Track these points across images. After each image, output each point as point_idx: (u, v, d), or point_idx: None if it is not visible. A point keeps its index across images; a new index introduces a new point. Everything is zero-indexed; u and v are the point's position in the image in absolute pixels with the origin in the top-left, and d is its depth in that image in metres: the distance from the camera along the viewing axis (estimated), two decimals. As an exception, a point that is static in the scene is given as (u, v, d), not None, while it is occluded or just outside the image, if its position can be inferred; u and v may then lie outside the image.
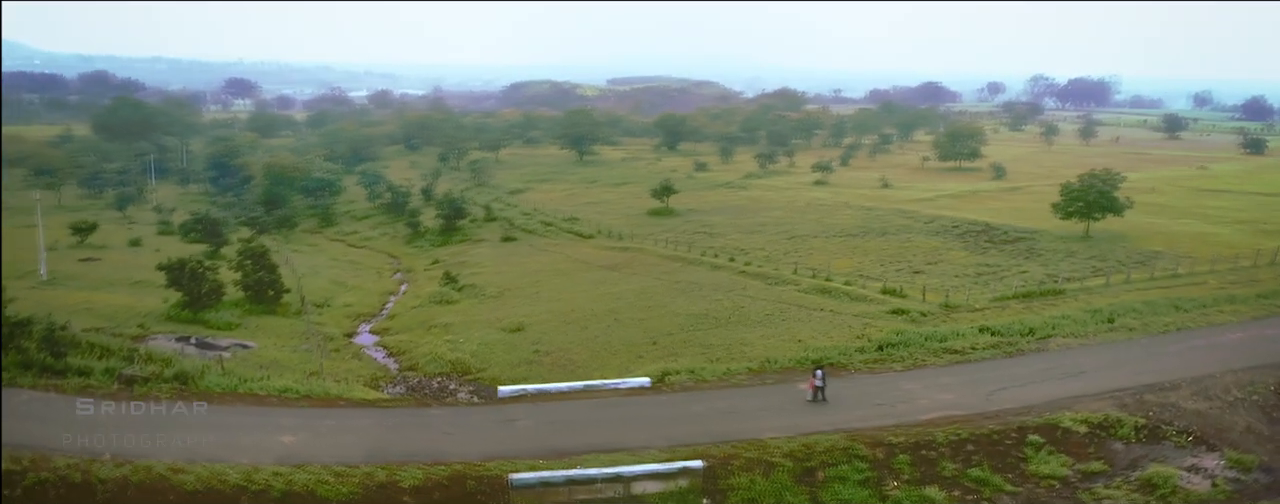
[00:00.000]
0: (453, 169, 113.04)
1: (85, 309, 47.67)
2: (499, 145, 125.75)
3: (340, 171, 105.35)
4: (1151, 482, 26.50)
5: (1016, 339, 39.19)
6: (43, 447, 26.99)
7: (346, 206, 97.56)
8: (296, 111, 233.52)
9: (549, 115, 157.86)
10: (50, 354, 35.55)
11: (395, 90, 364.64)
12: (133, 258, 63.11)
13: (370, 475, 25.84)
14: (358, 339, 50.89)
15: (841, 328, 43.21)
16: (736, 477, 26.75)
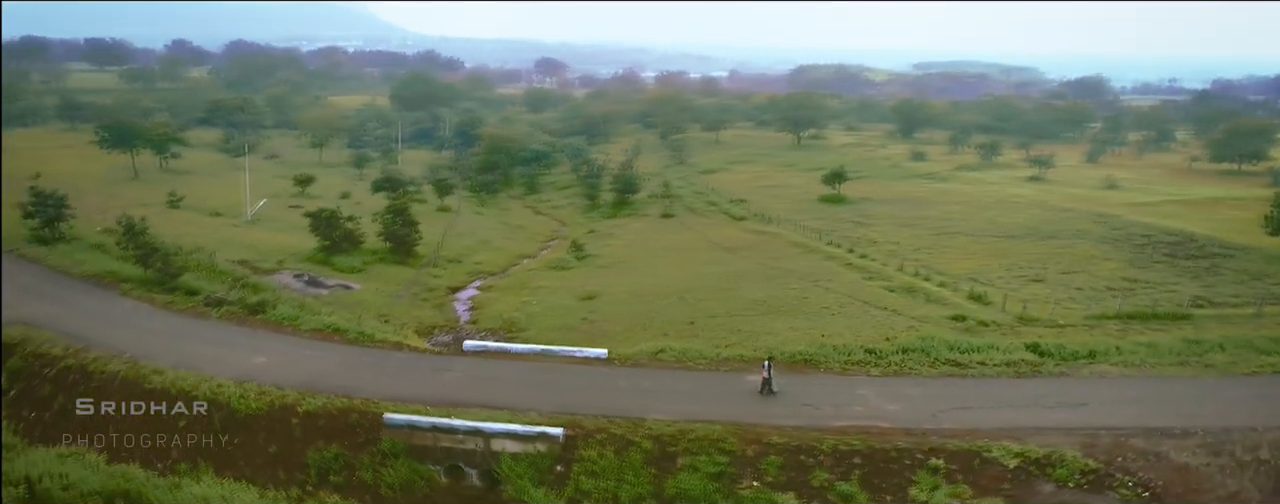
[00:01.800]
0: (668, 147, 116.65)
1: (250, 245, 57.41)
2: (720, 125, 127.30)
3: (557, 145, 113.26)
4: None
5: (1054, 361, 34.31)
6: (89, 340, 34.34)
7: (556, 177, 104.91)
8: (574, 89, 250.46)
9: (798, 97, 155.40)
10: (165, 274, 43.97)
11: (694, 72, 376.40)
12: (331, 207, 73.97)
13: (282, 397, 29.94)
14: (462, 293, 55.84)
15: (881, 328, 40.32)
16: (590, 450, 27.13)
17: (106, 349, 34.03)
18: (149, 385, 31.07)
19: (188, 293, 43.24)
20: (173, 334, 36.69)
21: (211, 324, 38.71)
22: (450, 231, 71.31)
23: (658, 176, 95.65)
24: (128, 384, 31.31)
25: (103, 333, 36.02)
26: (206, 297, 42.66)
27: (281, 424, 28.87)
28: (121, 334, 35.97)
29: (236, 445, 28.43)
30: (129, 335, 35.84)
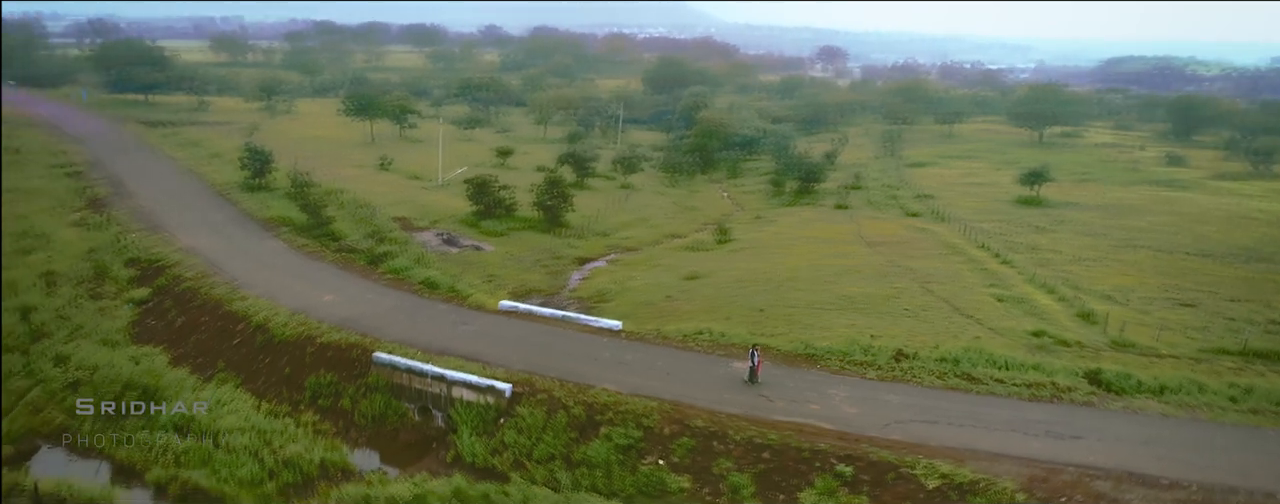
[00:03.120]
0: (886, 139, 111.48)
1: (420, 205, 64.52)
2: (955, 119, 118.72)
3: (769, 132, 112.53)
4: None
5: (1099, 391, 30.15)
6: (220, 268, 41.66)
7: (763, 164, 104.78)
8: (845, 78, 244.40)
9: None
10: (318, 222, 51.36)
11: (1002, 63, 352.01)
12: (518, 178, 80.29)
13: (313, 329, 34.56)
14: (590, 265, 58.79)
15: (941, 334, 37.35)
16: (526, 408, 28.73)
17: (225, 277, 41.11)
18: (229, 307, 37.28)
19: (332, 238, 50.27)
20: (285, 270, 43.19)
21: (323, 266, 44.83)
22: (616, 207, 74.55)
23: (860, 168, 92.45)
24: (215, 304, 37.75)
25: (234, 263, 43.41)
26: (339, 244, 49.37)
27: (300, 351, 33.43)
28: (247, 266, 43.11)
29: (263, 363, 33.39)
30: (251, 268, 42.87)
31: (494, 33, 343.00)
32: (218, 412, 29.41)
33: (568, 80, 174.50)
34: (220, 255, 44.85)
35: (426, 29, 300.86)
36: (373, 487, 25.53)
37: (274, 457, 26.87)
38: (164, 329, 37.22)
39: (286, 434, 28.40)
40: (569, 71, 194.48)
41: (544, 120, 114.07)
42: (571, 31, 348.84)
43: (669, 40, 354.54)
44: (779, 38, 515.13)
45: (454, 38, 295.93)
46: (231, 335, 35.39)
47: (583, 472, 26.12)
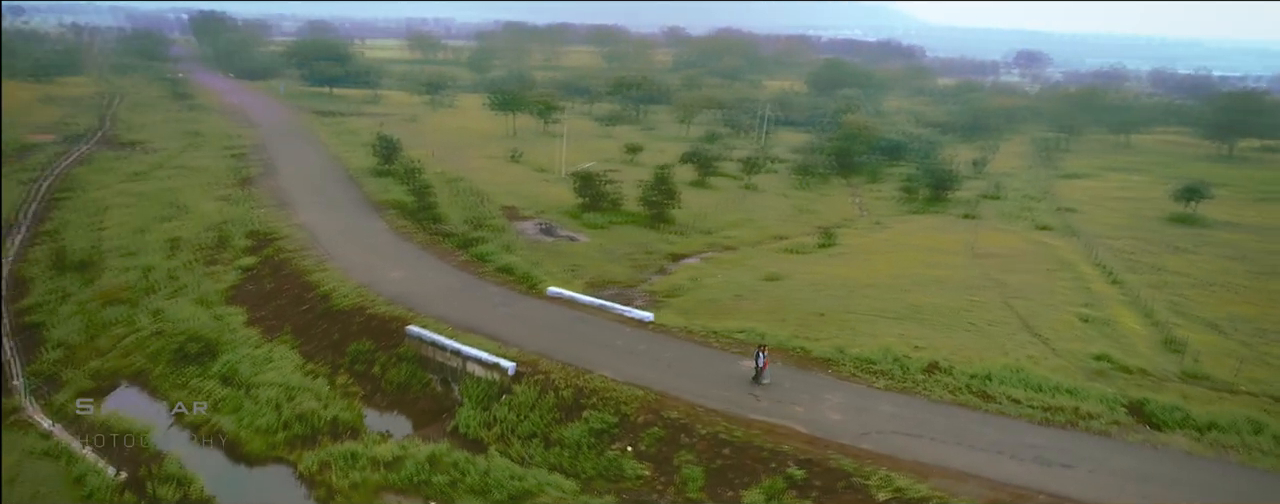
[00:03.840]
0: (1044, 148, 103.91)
1: (532, 196, 67.42)
2: (1131, 128, 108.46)
3: (917, 137, 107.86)
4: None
5: (1119, 421, 27.74)
6: (319, 242, 45.89)
7: (906, 170, 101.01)
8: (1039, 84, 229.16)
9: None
10: (422, 207, 55.14)
11: (1240, 70, 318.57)
12: (642, 174, 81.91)
13: (368, 300, 37.54)
14: (684, 261, 59.39)
15: (994, 350, 35.26)
16: (522, 387, 30.11)
17: (318, 250, 45.23)
18: (308, 277, 41.06)
19: (434, 221, 53.84)
20: (371, 248, 46.85)
21: (408, 247, 48.16)
22: (731, 206, 74.55)
23: (1008, 177, 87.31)
24: (299, 273, 41.68)
25: (332, 239, 47.62)
26: (436, 227, 52.80)
27: (350, 320, 36.41)
28: (341, 242, 47.17)
29: (319, 329, 36.63)
30: (344, 243, 46.87)
31: (676, 34, 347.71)
32: (263, 367, 32.71)
33: (730, 81, 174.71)
34: (325, 231, 49.26)
35: (608, 29, 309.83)
36: (365, 445, 27.64)
37: (291, 411, 29.59)
38: (254, 293, 41.52)
39: (312, 392, 31.13)
40: (737, 72, 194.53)
41: (687, 119, 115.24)
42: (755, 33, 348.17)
43: (851, 42, 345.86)
44: (982, 40, 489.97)
45: (634, 38, 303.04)
46: (302, 302, 38.99)
47: (556, 451, 27.04)
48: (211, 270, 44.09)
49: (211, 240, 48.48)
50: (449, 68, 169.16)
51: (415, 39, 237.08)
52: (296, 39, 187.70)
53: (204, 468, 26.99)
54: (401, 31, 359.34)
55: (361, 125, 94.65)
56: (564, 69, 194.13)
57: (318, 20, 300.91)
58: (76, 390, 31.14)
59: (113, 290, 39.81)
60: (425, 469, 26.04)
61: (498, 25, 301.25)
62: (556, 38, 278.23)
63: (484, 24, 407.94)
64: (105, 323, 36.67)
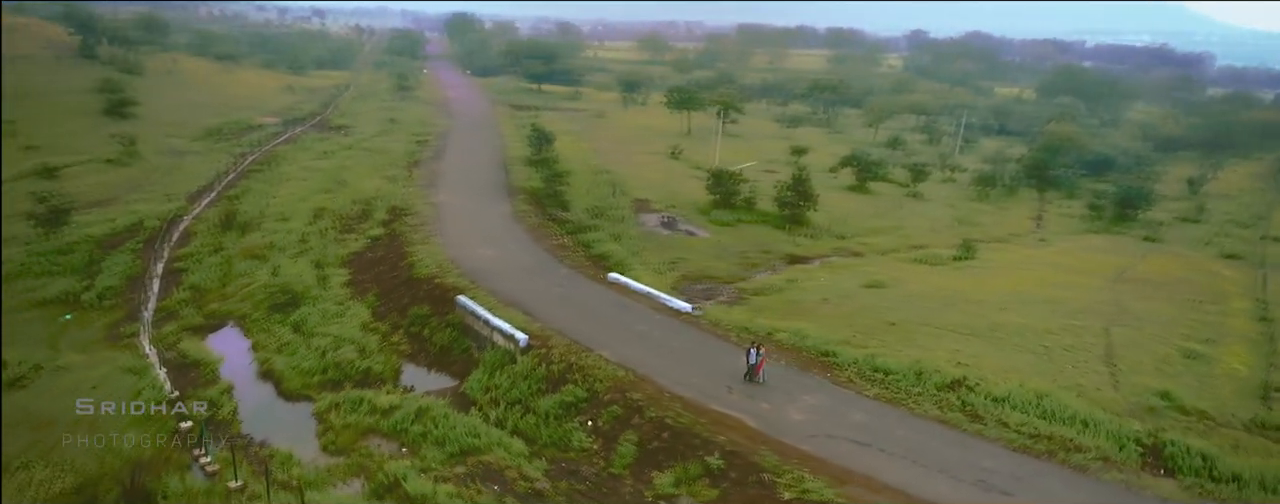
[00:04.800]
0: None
1: (670, 191, 69.16)
2: None
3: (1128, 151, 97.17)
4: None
5: (1107, 460, 25.16)
6: (439, 220, 50.77)
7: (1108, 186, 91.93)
8: None
9: None
10: (549, 193, 58.92)
11: None
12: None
13: (444, 272, 41.29)
14: (798, 264, 58.67)
15: (1048, 378, 32.74)
16: (525, 358, 32.31)
17: (434, 227, 49.96)
18: (409, 247, 45.63)
19: (559, 207, 57.32)
20: (478, 227, 50.89)
21: (514, 229, 51.70)
22: (882, 213, 72.23)
23: (1227, 199, 77.31)
24: (403, 244, 46.42)
25: (452, 217, 52.39)
26: (553, 213, 56.21)
27: (421, 287, 40.22)
28: (457, 220, 51.76)
29: (398, 292, 40.77)
30: (459, 221, 51.43)
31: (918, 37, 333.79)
32: (330, 320, 37.23)
33: (954, 86, 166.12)
34: (450, 210, 54.07)
35: (845, 32, 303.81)
36: (376, 394, 30.93)
37: (332, 359, 33.59)
38: (367, 259, 46.72)
39: (358, 345, 35.00)
40: (966, 78, 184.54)
41: (875, 123, 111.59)
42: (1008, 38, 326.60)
43: (1118, 48, 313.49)
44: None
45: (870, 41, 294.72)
46: (395, 269, 43.49)
47: (529, 417, 28.81)
48: (343, 237, 49.98)
49: (356, 212, 54.78)
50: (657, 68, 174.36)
51: (645, 41, 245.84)
52: (516, 39, 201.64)
53: (249, 396, 31.51)
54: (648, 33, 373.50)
55: (544, 119, 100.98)
56: (780, 71, 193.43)
57: (564, 22, 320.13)
58: (184, 325, 37.17)
59: (253, 247, 46.56)
60: (410, 419, 28.74)
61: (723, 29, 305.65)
62: (789, 40, 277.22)
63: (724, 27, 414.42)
64: (234, 273, 43.13)
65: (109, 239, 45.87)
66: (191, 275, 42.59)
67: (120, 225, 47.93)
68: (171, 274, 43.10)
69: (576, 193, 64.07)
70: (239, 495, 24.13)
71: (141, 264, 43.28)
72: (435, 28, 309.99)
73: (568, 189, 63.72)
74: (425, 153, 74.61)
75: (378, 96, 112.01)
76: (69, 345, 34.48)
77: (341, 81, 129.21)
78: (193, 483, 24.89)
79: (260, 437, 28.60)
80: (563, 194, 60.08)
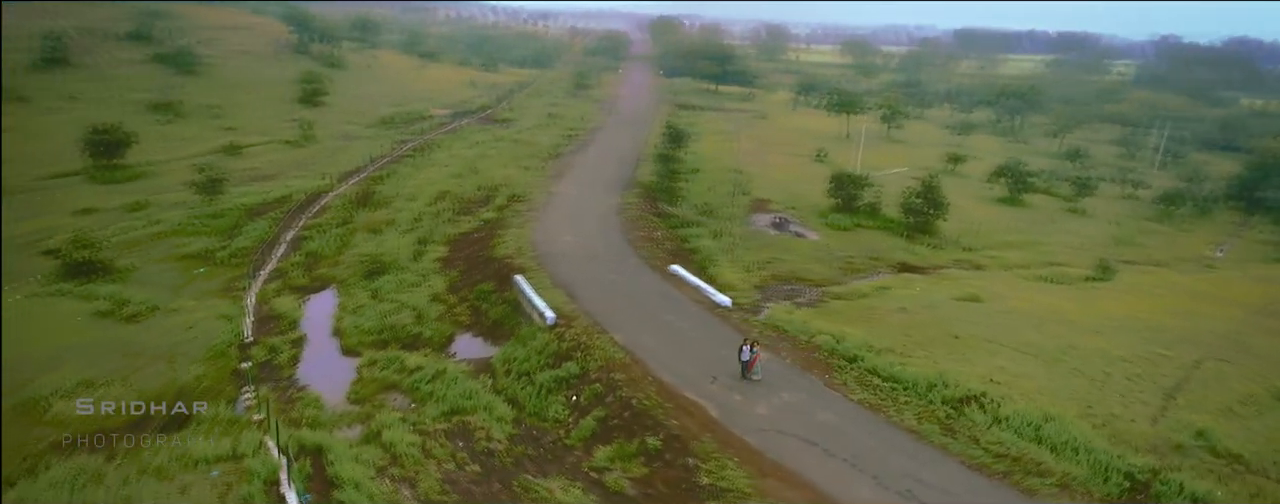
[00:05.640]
0: None
1: (796, 193, 68.64)
2: None
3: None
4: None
5: (1067, 485, 23.60)
6: (542, 209, 54.17)
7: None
8: None
9: None
10: (662, 188, 60.86)
11: None
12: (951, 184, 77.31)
13: (519, 253, 44.39)
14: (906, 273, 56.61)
15: (1082, 405, 30.79)
16: (545, 333, 34.49)
17: (536, 213, 53.26)
18: (503, 229, 49.10)
19: (670, 203, 59.12)
20: (574, 216, 53.51)
21: (610, 220, 53.61)
22: (1026, 226, 68.07)
23: None
24: (501, 226, 49.92)
25: (558, 205, 55.57)
26: (657, 208, 57.98)
27: (494, 265, 43.39)
28: (561, 209, 54.89)
29: (475, 270, 44.19)
30: (560, 209, 54.51)
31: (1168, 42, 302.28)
32: (404, 290, 41.17)
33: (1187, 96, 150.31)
34: (562, 199, 57.18)
35: (1076, 37, 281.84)
36: (408, 355, 34.17)
37: (390, 322, 37.30)
38: (469, 239, 50.62)
39: (417, 313, 38.53)
40: (1206, 88, 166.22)
41: (1060, 132, 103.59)
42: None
43: None
44: None
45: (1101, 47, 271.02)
46: (484, 248, 47.02)
47: (527, 387, 30.80)
48: (457, 219, 54.30)
49: (479, 197, 59.19)
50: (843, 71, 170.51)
51: (847, 45, 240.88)
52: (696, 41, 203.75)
53: (315, 348, 35.79)
54: (877, 37, 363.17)
55: (706, 118, 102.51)
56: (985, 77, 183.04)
57: (773, 24, 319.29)
58: (289, 285, 42.47)
59: (373, 222, 51.88)
60: (427, 379, 31.63)
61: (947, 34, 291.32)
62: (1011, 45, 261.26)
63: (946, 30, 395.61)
64: (348, 244, 48.40)
65: (257, 208, 52.84)
66: (311, 243, 48.23)
67: (271, 197, 54.99)
68: (297, 241, 49.02)
69: (697, 190, 65.39)
70: (254, 427, 27.94)
71: (275, 231, 49.56)
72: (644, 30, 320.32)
73: (687, 186, 65.27)
74: (570, 146, 78.54)
75: (551, 93, 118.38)
76: (190, 293, 40.53)
77: (527, 79, 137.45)
78: (227, 413, 29.05)
79: (305, 382, 32.54)
80: (679, 190, 61.58)
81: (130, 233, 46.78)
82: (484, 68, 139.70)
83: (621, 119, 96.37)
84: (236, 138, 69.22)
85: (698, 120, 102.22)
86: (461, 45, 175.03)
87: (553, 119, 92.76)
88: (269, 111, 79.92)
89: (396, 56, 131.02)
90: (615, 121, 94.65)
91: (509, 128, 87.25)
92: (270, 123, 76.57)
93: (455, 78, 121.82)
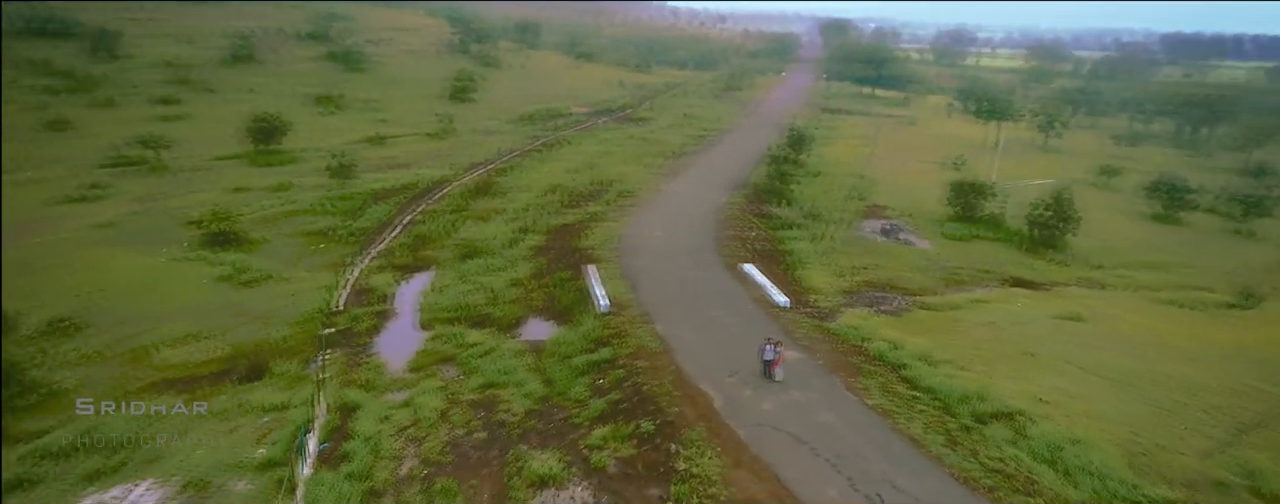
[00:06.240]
0: None
1: (918, 200, 66.64)
2: None
3: None
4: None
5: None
6: (639, 207, 56.02)
7: None
8: None
9: None
10: (772, 190, 61.10)
11: None
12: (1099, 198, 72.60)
13: (602, 245, 46.33)
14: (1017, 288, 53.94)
15: (1131, 431, 29.19)
16: (593, 320, 36.13)
17: (637, 208, 54.96)
18: (599, 221, 51.13)
19: (777, 203, 59.33)
20: (675, 213, 54.84)
21: (708, 218, 54.57)
22: (1176, 247, 62.93)
23: None
24: (597, 220, 51.99)
25: (659, 202, 57.08)
26: (761, 209, 58.24)
27: (576, 254, 45.45)
28: (660, 204, 56.44)
29: (562, 259, 46.37)
30: (661, 206, 55.99)
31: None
32: (487, 273, 43.93)
33: None
34: (668, 197, 58.69)
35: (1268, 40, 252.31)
36: (474, 333, 36.68)
37: (464, 302, 40.06)
38: (569, 229, 52.99)
39: (493, 295, 41.08)
40: None
41: (1246, 147, 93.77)
42: None
43: None
44: None
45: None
46: (576, 238, 49.18)
47: (564, 367, 32.34)
48: (563, 211, 56.87)
49: (590, 191, 61.54)
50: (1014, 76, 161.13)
51: (1034, 49, 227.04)
52: (859, 44, 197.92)
53: (397, 321, 39.08)
54: (1079, 43, 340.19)
55: (847, 123, 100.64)
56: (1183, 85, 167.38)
57: (956, 27, 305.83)
58: (393, 263, 46.28)
59: (483, 211, 55.35)
60: (478, 355, 33.99)
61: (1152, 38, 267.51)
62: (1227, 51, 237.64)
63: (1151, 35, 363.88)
64: (455, 229, 51.92)
65: (383, 193, 57.60)
66: (422, 226, 52.11)
67: (398, 184, 59.73)
68: (410, 224, 53.10)
69: (811, 193, 64.91)
70: (313, 384, 31.24)
71: (393, 214, 53.96)
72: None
73: (801, 188, 64.90)
74: (696, 146, 79.76)
75: (697, 95, 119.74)
76: (305, 266, 45.11)
77: (678, 79, 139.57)
78: (297, 370, 32.59)
79: (376, 350, 35.74)
80: (789, 193, 61.44)
81: (269, 210, 52.46)
82: (637, 69, 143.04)
83: (759, 121, 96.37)
84: (384, 129, 75.40)
85: (839, 124, 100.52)
86: (628, 47, 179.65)
87: (688, 119, 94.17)
88: (419, 106, 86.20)
89: (554, 57, 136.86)
90: (753, 123, 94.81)
91: (642, 127, 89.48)
92: (417, 116, 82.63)
93: (605, 78, 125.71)
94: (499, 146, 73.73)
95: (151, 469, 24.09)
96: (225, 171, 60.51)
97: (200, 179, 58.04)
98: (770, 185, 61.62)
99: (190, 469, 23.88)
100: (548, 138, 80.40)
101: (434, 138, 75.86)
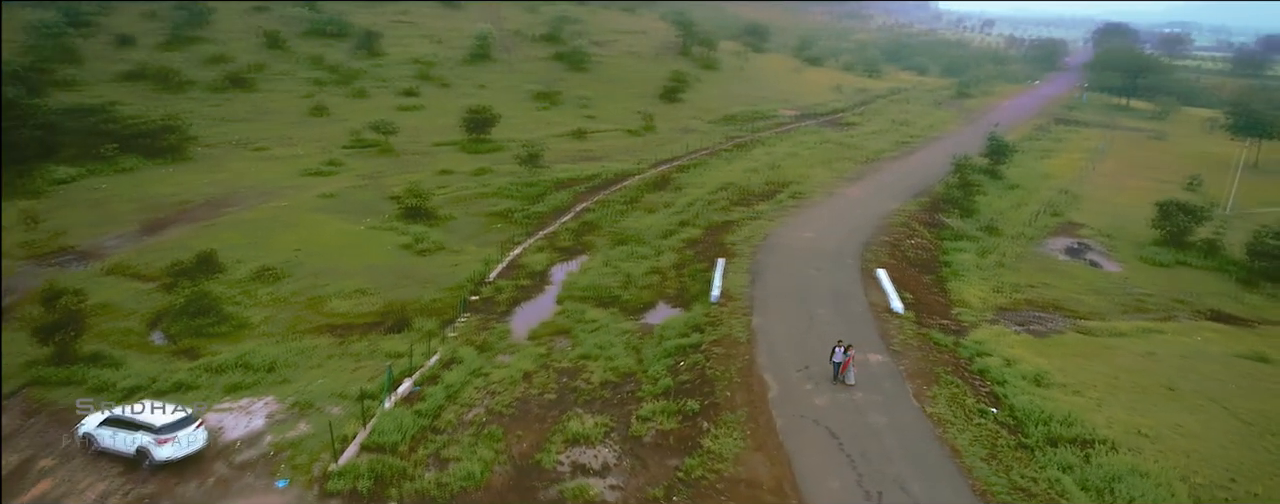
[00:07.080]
0: None
1: (1118, 219, 61.00)
2: None
3: None
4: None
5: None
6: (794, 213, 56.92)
7: None
8: None
9: None
10: (954, 199, 59.21)
11: None
12: None
13: (744, 242, 47.92)
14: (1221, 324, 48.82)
15: (1192, 473, 27.03)
16: (706, 308, 37.95)
17: (797, 211, 55.65)
18: (754, 219, 52.48)
19: (964, 216, 57.47)
20: (833, 218, 54.62)
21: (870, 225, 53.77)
22: None
23: None
24: (754, 219, 53.38)
25: (824, 207, 57.24)
26: (935, 218, 56.67)
27: (715, 248, 47.19)
28: (824, 210, 56.46)
29: (706, 252, 48.27)
30: (824, 211, 56.06)
31: None
32: (629, 260, 46.84)
33: None
34: (839, 199, 59.30)
35: None
36: (594, 311, 39.75)
37: (601, 283, 43.17)
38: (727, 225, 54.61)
39: (627, 280, 43.87)
40: None
41: None
42: None
43: None
44: None
45: None
46: (729, 234, 50.77)
47: (656, 345, 34.44)
48: (731, 208, 57.94)
49: (764, 191, 62.23)
50: None
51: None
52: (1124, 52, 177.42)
53: (539, 295, 43.08)
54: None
55: (1078, 135, 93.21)
56: None
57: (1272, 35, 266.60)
58: (554, 244, 50.46)
59: (652, 203, 58.49)
60: (587, 330, 37.01)
61: None
62: None
63: None
64: (621, 219, 55.24)
65: (567, 182, 62.32)
66: (591, 214, 56.11)
67: (583, 174, 64.26)
68: (582, 212, 57.28)
69: (999, 205, 62.05)
70: (440, 340, 35.79)
71: (571, 201, 58.48)
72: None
73: (987, 200, 62.15)
74: (894, 153, 77.97)
75: (919, 101, 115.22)
76: (479, 242, 50.48)
77: (905, 84, 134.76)
78: (436, 327, 37.37)
79: (509, 318, 39.89)
80: (972, 204, 59.05)
81: (463, 191, 58.87)
82: (866, 73, 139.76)
83: (975, 130, 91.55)
84: (588, 125, 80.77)
85: (1069, 136, 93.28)
86: (871, 51, 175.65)
87: (896, 125, 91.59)
88: (627, 105, 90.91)
89: (779, 59, 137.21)
90: (969, 132, 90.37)
91: (845, 131, 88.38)
92: (622, 114, 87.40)
93: (826, 81, 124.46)
94: (691, 145, 76.49)
95: (279, 389, 29.36)
96: (439, 156, 68.28)
97: (417, 161, 66.04)
98: (950, 195, 59.40)
99: (306, 393, 28.84)
100: (743, 138, 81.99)
101: (633, 134, 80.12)
